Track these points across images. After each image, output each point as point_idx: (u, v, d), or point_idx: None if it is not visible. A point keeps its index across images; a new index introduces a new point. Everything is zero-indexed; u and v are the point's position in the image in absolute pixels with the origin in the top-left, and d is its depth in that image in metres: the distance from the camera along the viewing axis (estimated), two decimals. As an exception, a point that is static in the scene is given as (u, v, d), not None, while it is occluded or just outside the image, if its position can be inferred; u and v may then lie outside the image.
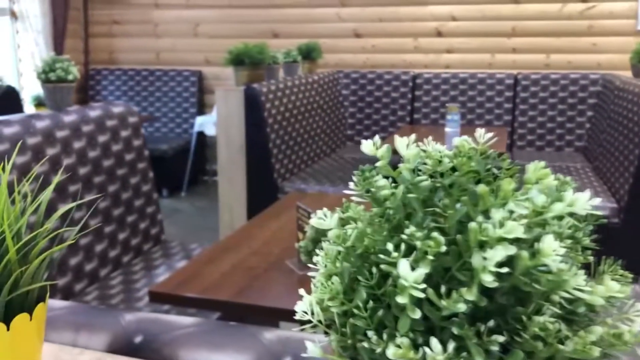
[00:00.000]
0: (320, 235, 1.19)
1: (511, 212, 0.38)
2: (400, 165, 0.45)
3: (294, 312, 1.23)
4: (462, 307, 0.35)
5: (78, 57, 5.27)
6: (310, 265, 1.23)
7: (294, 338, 0.68)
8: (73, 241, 0.55)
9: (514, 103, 4.37)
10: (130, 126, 2.20)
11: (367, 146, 0.47)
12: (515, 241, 0.36)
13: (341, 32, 4.78)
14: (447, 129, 3.76)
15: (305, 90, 3.86)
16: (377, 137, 0.48)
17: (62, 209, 0.60)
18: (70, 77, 2.11)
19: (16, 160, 1.68)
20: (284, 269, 1.44)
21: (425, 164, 0.44)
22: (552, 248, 0.35)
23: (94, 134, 2.01)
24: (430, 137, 0.47)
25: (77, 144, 1.92)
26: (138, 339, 0.75)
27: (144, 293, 1.85)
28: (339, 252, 0.43)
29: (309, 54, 4.31)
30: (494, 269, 0.34)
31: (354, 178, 0.46)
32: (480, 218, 0.37)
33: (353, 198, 0.47)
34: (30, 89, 4.61)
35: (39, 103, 4.27)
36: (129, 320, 0.80)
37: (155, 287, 1.32)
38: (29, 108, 4.37)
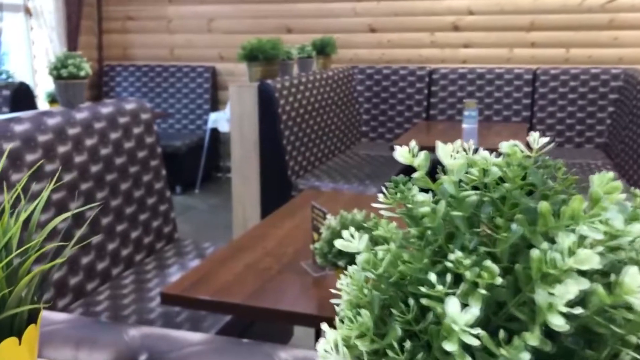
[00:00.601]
0: (336, 236, 1.14)
1: (583, 237, 0.31)
2: (442, 176, 0.39)
3: (309, 317, 1.19)
4: (525, 357, 0.29)
5: (92, 54, 5.26)
6: (326, 267, 1.17)
7: (311, 358, 0.63)
8: (63, 259, 0.49)
9: (532, 99, 4.28)
10: (143, 123, 2.17)
11: (402, 153, 0.40)
12: (587, 273, 0.30)
13: (356, 26, 4.72)
14: (464, 125, 3.70)
15: (320, 86, 3.81)
16: (413, 143, 0.42)
17: (52, 223, 0.55)
18: (82, 73, 2.08)
19: (26, 158, 1.65)
20: (299, 270, 1.39)
21: (467, 173, 0.38)
22: (637, 282, 0.29)
23: (106, 131, 1.97)
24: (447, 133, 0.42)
25: (89, 141, 1.89)
26: (143, 357, 0.70)
27: (156, 293, 1.81)
28: (368, 279, 0.37)
29: (323, 49, 4.26)
30: (564, 309, 0.29)
31: (385, 190, 0.40)
32: (544, 244, 0.31)
33: (383, 212, 0.41)
34: (44, 86, 4.61)
35: (53, 100, 4.26)
36: (133, 336, 0.76)
37: (167, 288, 1.29)
38: (42, 105, 4.36)
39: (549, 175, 0.37)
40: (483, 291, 0.30)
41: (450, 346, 0.29)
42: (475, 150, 0.40)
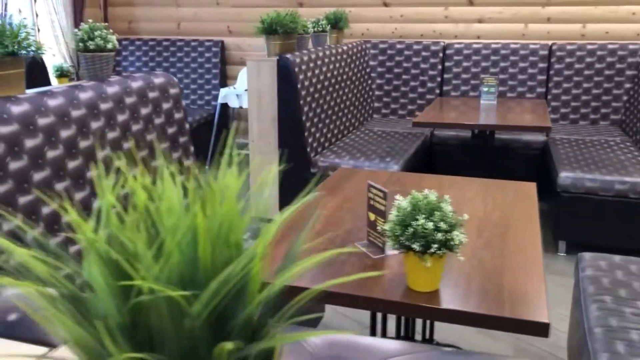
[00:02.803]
0: (410, 219, 1.10)
1: None
2: None
3: (378, 301, 1.15)
4: None
5: (97, 27, 5.14)
6: (395, 249, 1.13)
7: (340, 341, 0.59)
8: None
9: (547, 75, 4.23)
10: (172, 98, 2.11)
11: None
12: None
13: (369, 0, 4.63)
14: (482, 101, 3.66)
15: (335, 61, 3.74)
16: None
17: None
18: (109, 45, 2.01)
19: (61, 134, 1.60)
20: (356, 252, 1.35)
21: None
22: None
23: (137, 107, 1.92)
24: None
25: (121, 117, 1.83)
26: (12, 317, 0.68)
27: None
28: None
29: (336, 23, 4.18)
30: None
31: None
32: None
33: None
34: (51, 59, 4.51)
35: (61, 74, 4.17)
36: (6, 297, 0.73)
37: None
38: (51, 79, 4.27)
39: None
40: None
41: None
42: None
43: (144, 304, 0.33)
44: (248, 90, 3.30)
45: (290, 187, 3.32)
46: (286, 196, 3.34)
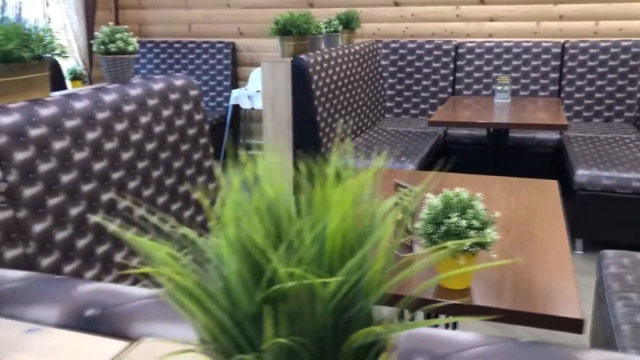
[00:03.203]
0: (442, 217, 1.11)
1: None
2: None
3: (420, 301, 1.15)
4: None
5: (108, 30, 5.17)
6: (425, 247, 1.14)
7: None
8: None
9: (560, 73, 4.22)
10: (192, 100, 2.12)
11: None
12: None
13: (379, 0, 4.63)
14: (496, 100, 3.65)
15: (348, 61, 3.74)
16: None
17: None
18: (130, 48, 2.02)
19: (87, 137, 1.61)
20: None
21: None
22: None
23: (159, 108, 1.93)
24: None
25: (144, 119, 1.85)
26: (90, 312, 0.70)
27: (218, 273, 1.79)
28: None
29: (348, 23, 4.18)
30: None
31: None
32: None
33: None
34: (64, 62, 4.53)
35: (75, 77, 4.19)
36: (81, 292, 0.74)
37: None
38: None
39: None
40: None
41: None
42: None
43: (277, 292, 0.34)
44: (262, 91, 3.31)
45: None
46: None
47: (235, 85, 5.03)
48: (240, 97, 4.71)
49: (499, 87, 3.60)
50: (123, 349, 0.61)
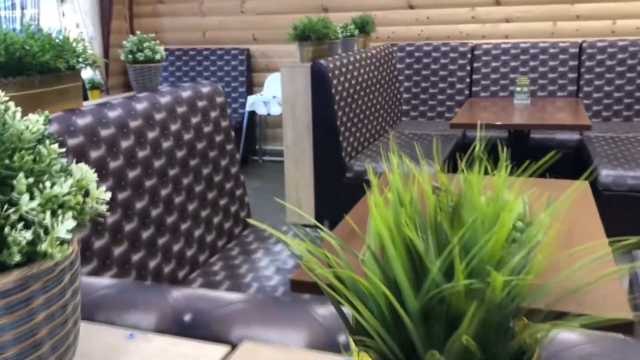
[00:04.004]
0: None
1: None
2: None
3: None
4: None
5: (123, 39, 5.20)
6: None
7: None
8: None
9: (579, 73, 4.20)
10: (218, 106, 2.12)
11: None
12: None
13: (393, 3, 4.64)
14: (516, 101, 3.64)
15: (366, 65, 3.74)
16: None
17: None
18: (157, 56, 2.03)
19: (122, 145, 1.62)
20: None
21: None
22: None
23: (188, 116, 1.93)
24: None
25: (174, 127, 1.85)
26: (187, 317, 0.70)
27: (251, 279, 1.79)
28: None
29: (363, 27, 4.19)
30: None
31: None
32: None
33: None
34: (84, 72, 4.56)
35: (92, 86, 4.22)
36: (177, 297, 0.75)
37: (296, 275, 1.25)
38: (82, 91, 4.32)
39: None
40: None
41: None
42: None
43: (439, 295, 0.34)
44: (282, 97, 3.32)
45: (325, 192, 3.32)
46: (321, 201, 3.35)
47: (250, 91, 5.04)
48: (256, 103, 4.72)
49: (518, 88, 3.59)
50: (226, 353, 0.61)
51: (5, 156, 0.48)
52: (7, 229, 0.46)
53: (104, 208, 0.53)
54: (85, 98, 3.69)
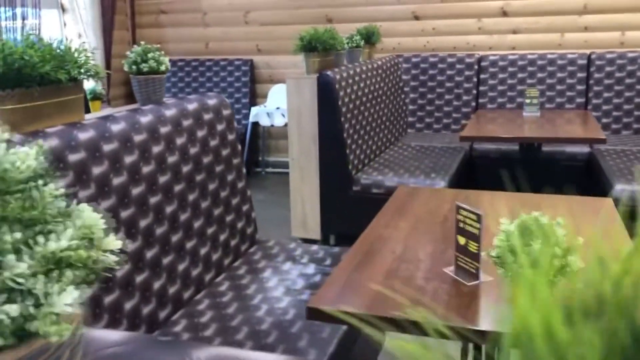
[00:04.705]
0: (521, 244, 1.03)
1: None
2: None
3: (487, 332, 1.07)
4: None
5: (125, 49, 5.14)
6: (505, 276, 1.05)
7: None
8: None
9: (587, 85, 4.13)
10: (225, 119, 2.05)
11: None
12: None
13: (399, 14, 4.58)
14: (525, 113, 3.58)
15: (372, 76, 3.68)
16: None
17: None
18: (162, 67, 1.96)
19: (125, 160, 1.54)
20: (446, 278, 1.27)
21: None
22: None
23: (194, 129, 1.86)
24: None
25: (179, 141, 1.78)
26: None
27: (259, 300, 1.70)
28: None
29: (369, 38, 4.13)
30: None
31: None
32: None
33: None
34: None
35: (94, 97, 4.15)
36: (198, 358, 0.66)
37: (313, 302, 1.17)
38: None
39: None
40: None
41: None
42: None
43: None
44: (287, 108, 3.25)
45: (331, 205, 3.25)
46: (327, 215, 3.27)
47: (253, 102, 4.98)
48: (259, 114, 4.66)
49: (528, 100, 3.52)
50: None
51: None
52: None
53: (114, 260, 0.44)
54: (87, 109, 3.62)
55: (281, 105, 4.65)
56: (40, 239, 0.39)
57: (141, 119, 1.65)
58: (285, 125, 4.09)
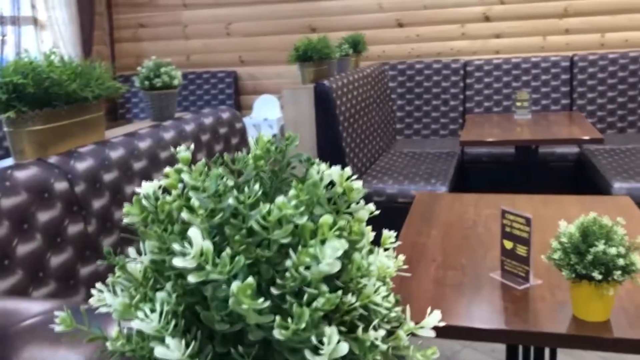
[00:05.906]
0: (583, 245, 1.03)
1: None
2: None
3: (546, 335, 1.07)
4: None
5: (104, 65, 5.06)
6: (569, 279, 1.05)
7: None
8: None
9: (571, 86, 4.22)
10: (238, 133, 2.03)
11: None
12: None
13: (383, 22, 4.61)
14: (516, 116, 3.62)
15: (363, 84, 3.69)
16: None
17: None
18: (175, 82, 1.93)
19: (153, 177, 1.51)
20: (494, 283, 1.27)
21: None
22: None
23: (211, 143, 1.83)
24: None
25: (200, 155, 1.75)
26: None
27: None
28: None
29: (355, 46, 4.14)
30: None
31: None
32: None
33: None
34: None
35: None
36: None
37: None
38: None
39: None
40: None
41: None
42: None
43: None
44: (284, 119, 3.23)
45: (333, 215, 3.23)
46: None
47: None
48: (246, 126, 4.62)
49: (519, 103, 3.57)
50: None
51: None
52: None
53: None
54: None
55: (268, 116, 4.63)
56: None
57: (164, 135, 1.62)
58: (274, 136, 4.05)
